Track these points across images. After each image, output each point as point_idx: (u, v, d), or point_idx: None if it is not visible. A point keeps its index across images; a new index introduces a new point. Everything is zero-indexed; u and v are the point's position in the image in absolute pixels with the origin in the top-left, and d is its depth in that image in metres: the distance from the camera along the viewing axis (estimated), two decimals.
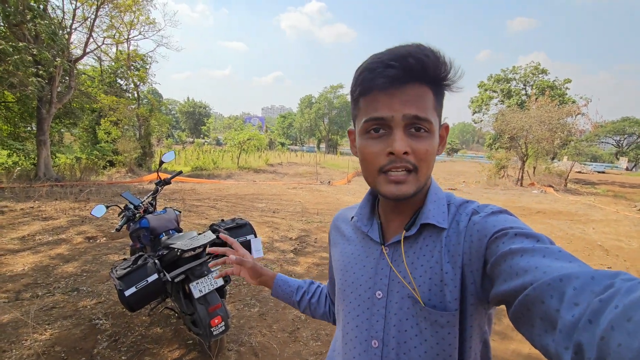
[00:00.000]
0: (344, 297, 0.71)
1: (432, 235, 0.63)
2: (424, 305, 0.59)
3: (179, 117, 66.15)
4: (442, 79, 0.58)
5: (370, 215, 0.73)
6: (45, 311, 2.80)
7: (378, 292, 0.65)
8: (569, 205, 10.64)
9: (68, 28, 10.52)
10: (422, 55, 0.55)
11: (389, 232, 0.69)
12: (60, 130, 13.95)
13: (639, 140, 42.73)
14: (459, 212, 0.63)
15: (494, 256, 0.51)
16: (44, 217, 5.71)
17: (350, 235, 0.76)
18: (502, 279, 0.48)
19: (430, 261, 0.61)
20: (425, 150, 0.58)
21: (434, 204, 0.64)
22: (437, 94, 0.60)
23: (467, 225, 0.59)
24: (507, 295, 0.46)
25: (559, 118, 15.25)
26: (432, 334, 0.59)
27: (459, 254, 0.58)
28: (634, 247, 5.77)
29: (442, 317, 0.57)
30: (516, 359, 2.53)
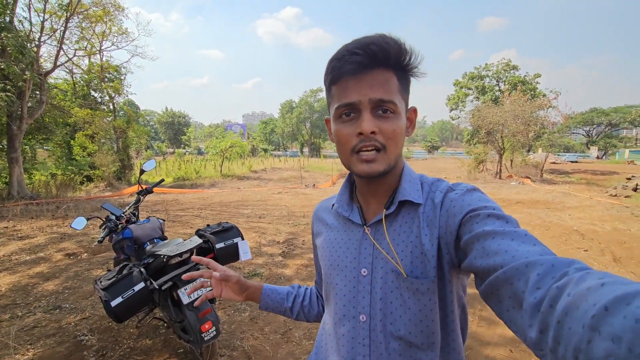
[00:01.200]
0: (330, 280, 0.75)
1: (410, 212, 0.67)
2: (407, 276, 0.63)
3: (158, 128, 64.83)
4: (404, 64, 0.63)
5: (349, 201, 0.77)
6: (26, 331, 2.69)
7: (363, 270, 0.69)
8: (545, 194, 11.04)
9: (37, 41, 10.20)
10: (383, 42, 0.60)
11: (368, 214, 0.73)
12: (33, 147, 13.46)
13: (607, 130, 44.77)
14: (432, 190, 0.68)
15: (467, 234, 0.56)
16: (20, 237, 5.49)
17: (332, 222, 0.80)
18: (474, 256, 0.53)
19: (410, 236, 0.65)
20: (392, 130, 0.62)
21: (409, 183, 0.69)
22: (401, 79, 0.64)
23: (443, 201, 0.64)
24: (478, 272, 0.52)
25: (532, 111, 15.84)
26: (414, 302, 0.63)
27: (435, 227, 0.63)
28: (607, 229, 6.05)
29: (422, 285, 0.62)
30: (502, 342, 2.62)
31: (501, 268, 0.47)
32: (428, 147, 60.45)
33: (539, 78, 26.88)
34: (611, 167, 25.43)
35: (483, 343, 2.60)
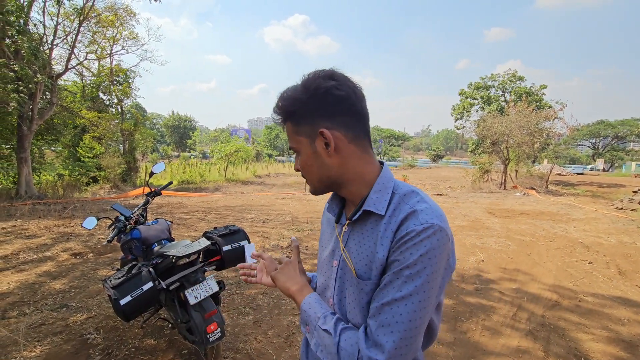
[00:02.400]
0: (319, 266, 0.91)
1: (375, 220, 0.75)
2: (357, 276, 0.75)
3: (164, 131, 65.32)
4: (288, 112, 0.78)
5: (337, 203, 0.89)
6: (34, 328, 2.74)
7: (334, 262, 0.83)
8: (550, 205, 10.98)
9: (49, 44, 10.41)
10: (276, 106, 0.79)
11: (347, 212, 0.85)
12: (41, 148, 13.64)
13: (613, 142, 44.48)
14: (404, 202, 0.73)
15: (387, 271, 0.69)
16: (27, 236, 5.57)
17: (328, 217, 0.93)
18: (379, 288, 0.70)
19: (369, 242, 0.74)
20: (299, 164, 0.80)
21: (377, 194, 0.75)
22: (294, 122, 0.78)
23: (403, 222, 0.69)
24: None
25: (537, 122, 15.82)
26: (362, 297, 0.73)
27: (389, 241, 0.70)
28: (613, 242, 6.00)
29: (366, 286, 0.73)
30: (505, 352, 2.62)
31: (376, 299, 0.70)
32: (433, 156, 60.33)
33: (545, 89, 26.89)
34: (617, 179, 25.20)
35: (486, 353, 2.60)
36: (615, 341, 2.84)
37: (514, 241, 5.98)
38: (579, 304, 3.53)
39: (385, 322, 0.65)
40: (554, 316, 3.24)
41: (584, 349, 2.71)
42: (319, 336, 0.76)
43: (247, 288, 3.67)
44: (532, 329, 2.99)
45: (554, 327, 3.03)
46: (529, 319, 3.16)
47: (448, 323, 3.05)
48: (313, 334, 0.78)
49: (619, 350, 2.71)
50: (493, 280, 4.11)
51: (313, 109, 0.74)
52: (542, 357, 2.56)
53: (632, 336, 2.92)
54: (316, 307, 0.80)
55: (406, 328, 0.64)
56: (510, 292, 3.79)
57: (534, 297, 3.68)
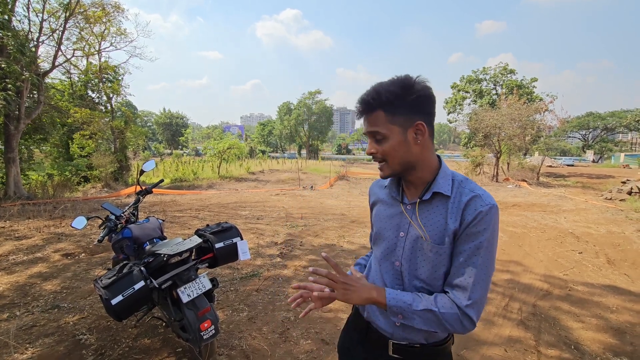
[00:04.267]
0: (380, 236, 1.09)
1: (442, 200, 0.97)
2: (431, 242, 0.95)
3: (156, 129, 64.59)
4: (387, 102, 0.92)
5: (397, 186, 1.08)
6: (25, 330, 2.70)
7: (401, 233, 1.02)
8: (541, 197, 11.13)
9: (35, 41, 10.18)
10: (366, 96, 0.94)
11: (408, 196, 1.04)
12: (29, 147, 13.38)
13: (602, 134, 45.10)
14: (462, 186, 0.97)
15: (460, 244, 0.93)
16: (17, 237, 5.48)
17: (384, 198, 1.12)
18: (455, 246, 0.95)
19: (439, 216, 0.96)
20: (383, 150, 0.95)
21: (443, 179, 0.98)
22: (389, 112, 0.93)
23: (469, 203, 0.92)
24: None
25: (528, 115, 15.97)
26: (433, 258, 0.95)
27: (459, 214, 0.93)
28: (602, 232, 6.11)
29: (440, 249, 0.94)
30: (498, 341, 2.66)
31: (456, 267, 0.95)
32: None
33: (536, 82, 27.10)
34: (607, 170, 25.61)
35: (479, 342, 2.64)
36: (605, 328, 2.90)
37: (506, 233, 6.05)
38: (569, 293, 3.59)
39: (476, 276, 0.90)
40: (545, 305, 3.30)
41: (574, 336, 2.76)
42: (420, 316, 0.91)
43: (242, 285, 3.66)
44: (523, 318, 3.03)
45: (545, 316, 3.08)
46: (521, 309, 3.21)
47: None
48: (412, 317, 0.92)
49: (608, 337, 2.77)
50: None
51: (413, 104, 0.92)
52: (533, 346, 2.60)
53: (620, 323, 2.99)
54: (401, 297, 0.94)
55: (486, 283, 0.91)
56: (503, 282, 3.84)
57: (525, 287, 3.73)
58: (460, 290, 0.91)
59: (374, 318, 1.06)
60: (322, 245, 5.16)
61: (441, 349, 1.03)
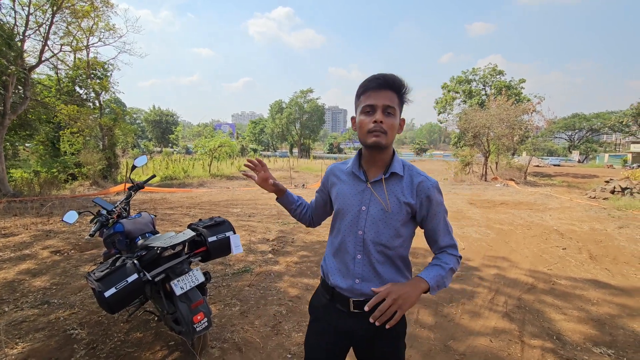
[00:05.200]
0: (343, 211, 1.26)
1: (397, 179, 1.21)
2: (391, 212, 1.18)
3: (145, 126, 63.68)
4: (402, 91, 1.16)
5: (358, 166, 1.27)
6: (14, 326, 2.68)
7: (363, 207, 1.22)
8: (528, 196, 11.37)
9: (21, 35, 9.96)
10: (392, 76, 1.14)
11: (369, 175, 1.25)
12: (14, 144, 13.10)
13: (588, 135, 46.15)
14: (411, 170, 1.24)
15: (423, 213, 1.22)
16: (4, 234, 5.39)
17: (344, 178, 1.30)
18: (425, 223, 1.25)
19: (396, 192, 1.20)
20: (391, 123, 1.14)
21: (397, 163, 1.22)
22: (400, 98, 1.17)
23: (420, 185, 1.20)
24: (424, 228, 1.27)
25: (516, 116, 16.27)
26: (393, 225, 1.19)
27: (413, 193, 1.20)
28: (585, 229, 6.30)
29: (396, 216, 1.19)
30: (484, 332, 2.74)
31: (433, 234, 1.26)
32: (416, 149, 61.08)
33: (524, 83, 27.57)
34: (591, 170, 26.26)
35: (466, 333, 2.72)
36: (586, 320, 3.01)
37: (494, 230, 6.19)
38: (553, 287, 3.71)
39: (451, 232, 1.26)
40: (530, 299, 3.41)
41: (556, 328, 2.86)
42: (447, 278, 1.18)
43: (234, 280, 3.69)
44: (508, 311, 3.13)
45: (529, 309, 3.18)
46: (506, 302, 3.31)
47: (430, 308, 3.16)
48: (445, 283, 1.18)
49: (589, 328, 2.88)
50: (473, 267, 4.26)
51: (403, 102, 1.19)
52: (517, 336, 2.69)
53: (600, 315, 3.11)
54: (436, 274, 1.17)
55: (451, 228, 1.27)
56: (490, 277, 3.95)
57: (511, 281, 3.84)
58: (451, 247, 1.24)
59: (337, 283, 1.25)
60: (313, 241, 5.21)
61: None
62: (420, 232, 1.31)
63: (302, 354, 2.39)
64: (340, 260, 1.26)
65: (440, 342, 2.60)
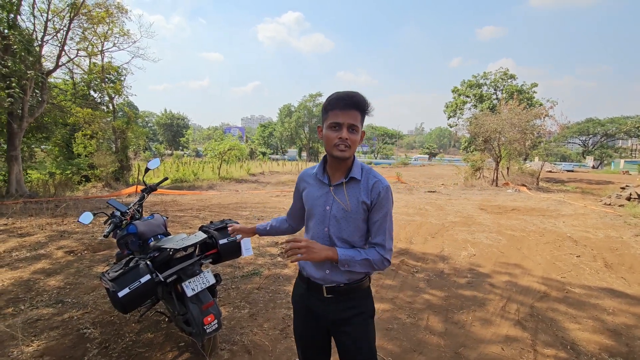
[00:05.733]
0: (311, 212, 1.42)
1: (355, 183, 1.36)
2: (351, 211, 1.33)
3: (157, 130, 64.75)
4: (365, 109, 1.30)
5: (323, 172, 1.43)
6: (30, 324, 2.74)
7: (327, 207, 1.38)
8: (541, 202, 11.17)
9: (39, 41, 10.27)
10: (358, 97, 1.27)
11: (333, 180, 1.40)
12: (31, 146, 13.45)
13: (602, 140, 45.21)
14: (368, 173, 1.38)
15: (372, 209, 1.34)
16: (20, 234, 5.52)
17: (312, 182, 1.46)
18: (369, 217, 1.36)
19: (355, 193, 1.35)
20: (354, 139, 1.29)
21: (356, 168, 1.37)
22: (362, 115, 1.31)
23: (374, 185, 1.34)
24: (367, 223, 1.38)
25: (528, 120, 16.03)
26: (352, 222, 1.34)
27: (369, 193, 1.33)
28: (600, 237, 6.15)
29: (356, 215, 1.34)
30: (495, 340, 2.70)
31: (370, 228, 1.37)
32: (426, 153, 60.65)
33: (536, 87, 27.21)
34: (606, 176, 25.67)
35: (477, 341, 2.68)
36: (601, 330, 2.94)
37: (505, 236, 6.09)
38: (566, 295, 3.63)
39: (387, 235, 1.34)
40: (543, 307, 3.34)
41: (570, 337, 2.80)
42: (360, 263, 1.31)
43: (243, 283, 3.71)
44: (521, 319, 3.08)
45: (542, 317, 3.12)
46: (518, 310, 3.25)
47: (440, 314, 3.12)
48: (355, 265, 1.30)
49: (604, 338, 2.81)
50: (484, 274, 4.20)
51: (364, 117, 1.33)
52: (530, 345, 2.64)
53: (617, 325, 3.03)
54: (347, 253, 1.30)
55: (392, 237, 1.39)
56: (501, 284, 3.89)
57: (523, 289, 3.78)
58: (380, 246, 1.34)
59: (311, 273, 1.41)
60: None
61: (360, 285, 1.39)
62: (430, 239, 1.30)
63: None
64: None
65: (450, 350, 2.56)
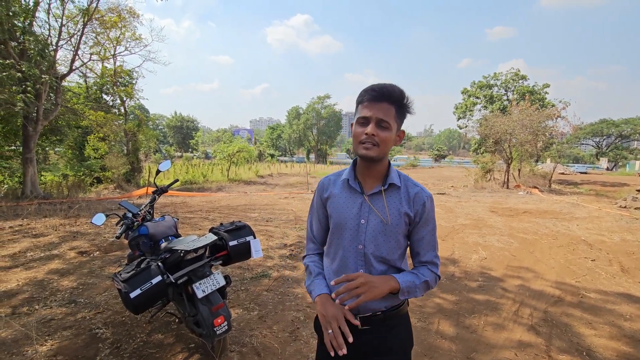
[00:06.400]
0: (341, 226, 1.21)
1: (394, 190, 1.19)
2: (390, 224, 1.16)
3: (167, 132, 65.54)
4: (400, 102, 1.11)
5: (354, 178, 1.23)
6: (44, 323, 2.79)
7: (362, 220, 1.18)
8: (553, 204, 10.96)
9: (54, 45, 10.50)
10: (390, 88, 1.09)
11: (365, 187, 1.22)
12: (45, 149, 13.75)
13: (617, 141, 44.20)
14: (406, 181, 1.23)
15: (415, 224, 1.19)
16: (34, 234, 5.64)
17: (339, 190, 1.25)
18: (413, 233, 1.22)
19: (395, 203, 1.18)
20: (384, 136, 1.10)
21: (394, 174, 1.21)
22: (398, 110, 1.11)
23: (416, 195, 1.19)
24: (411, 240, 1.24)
25: (540, 121, 15.77)
26: (393, 238, 1.17)
27: (411, 203, 1.18)
28: (616, 240, 6.00)
29: (396, 229, 1.17)
30: (508, 345, 2.64)
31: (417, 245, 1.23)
32: (435, 156, 60.16)
33: (548, 88, 26.78)
34: (621, 178, 25.07)
35: (489, 346, 2.63)
36: (618, 336, 2.86)
37: (517, 239, 5.99)
38: (581, 300, 3.55)
39: (436, 250, 1.23)
40: (557, 312, 3.27)
41: (586, 343, 2.73)
42: (420, 288, 1.15)
43: (252, 285, 3.71)
44: (534, 324, 3.01)
45: (556, 322, 3.05)
46: (532, 315, 3.18)
47: (451, 318, 3.08)
48: (415, 291, 1.15)
49: (622, 344, 2.73)
50: (496, 277, 4.13)
51: (404, 114, 1.15)
52: (544, 351, 2.58)
53: (635, 331, 2.94)
54: (407, 279, 1.14)
55: (437, 246, 1.25)
56: (513, 288, 3.81)
57: (536, 293, 3.70)
58: (432, 264, 1.22)
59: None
60: None
61: (399, 311, 1.22)
62: (440, 242, 1.30)
63: None
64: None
65: (462, 355, 2.52)
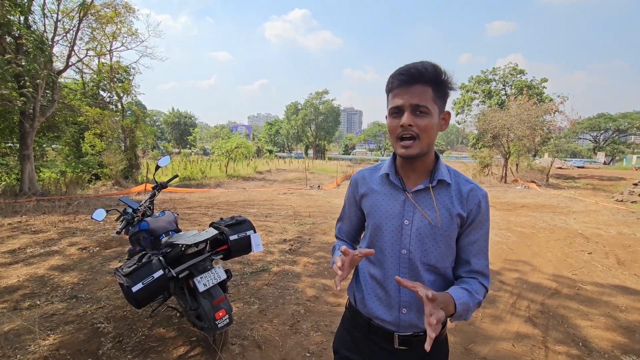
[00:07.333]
0: (379, 227, 1.05)
1: (444, 187, 1.02)
2: (441, 226, 0.99)
3: (164, 128, 65.27)
4: (439, 80, 0.92)
5: (395, 172, 1.07)
6: (46, 318, 2.81)
7: (405, 221, 1.02)
8: (551, 198, 11.03)
9: (50, 41, 10.41)
10: (420, 67, 0.91)
11: (408, 184, 1.05)
12: (42, 146, 13.68)
13: (614, 136, 44.36)
14: (457, 176, 1.06)
15: (468, 225, 1.02)
16: (34, 231, 5.64)
17: (378, 187, 1.09)
18: (464, 236, 1.04)
19: (445, 202, 1.01)
20: (424, 125, 0.92)
21: (443, 168, 1.03)
22: (437, 91, 0.93)
23: (470, 193, 1.02)
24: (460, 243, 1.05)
25: (538, 116, 15.80)
26: (443, 242, 1.00)
27: (464, 203, 1.01)
28: (612, 234, 6.06)
29: (446, 231, 0.99)
30: (505, 337, 2.68)
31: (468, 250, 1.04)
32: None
33: (546, 83, 26.80)
34: (618, 173, 25.20)
35: (487, 337, 2.67)
36: (614, 327, 2.90)
37: (515, 233, 6.04)
38: (578, 292, 3.60)
39: (486, 254, 1.04)
40: (554, 304, 3.31)
41: (582, 334, 2.77)
42: (471, 311, 0.96)
43: (252, 279, 3.74)
44: (531, 315, 3.05)
45: (553, 314, 3.09)
46: (529, 307, 3.22)
47: None
48: (468, 313, 0.95)
49: (617, 335, 2.78)
50: (493, 271, 4.17)
51: (446, 92, 0.96)
52: (541, 342, 2.63)
53: (629, 322, 2.99)
54: (462, 299, 0.92)
55: (488, 254, 1.06)
56: (511, 281, 3.86)
57: (534, 286, 3.75)
58: (482, 275, 1.03)
59: (377, 312, 1.04)
60: (330, 242, 5.22)
61: (441, 333, 1.04)
62: None
63: (320, 353, 2.41)
64: (380, 286, 1.05)
65: (460, 346, 2.56)
